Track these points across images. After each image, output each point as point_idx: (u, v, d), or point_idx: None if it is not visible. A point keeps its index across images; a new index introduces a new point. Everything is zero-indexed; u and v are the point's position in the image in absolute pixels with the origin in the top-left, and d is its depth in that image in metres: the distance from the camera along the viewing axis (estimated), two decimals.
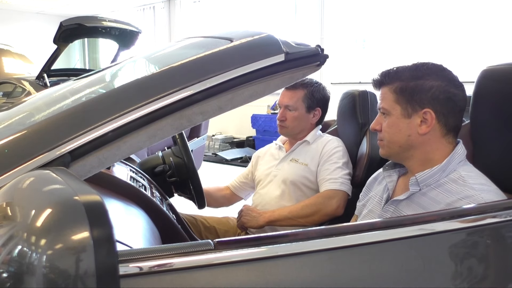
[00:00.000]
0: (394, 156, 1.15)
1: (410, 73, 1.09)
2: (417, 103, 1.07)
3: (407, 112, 1.08)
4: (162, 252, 0.69)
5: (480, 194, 0.97)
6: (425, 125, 1.07)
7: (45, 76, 4.67)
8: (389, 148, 1.13)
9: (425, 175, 1.06)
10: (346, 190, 1.67)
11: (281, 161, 1.85)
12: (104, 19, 4.43)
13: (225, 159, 6.30)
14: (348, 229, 0.81)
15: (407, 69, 1.10)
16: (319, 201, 1.65)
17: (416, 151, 1.09)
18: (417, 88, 1.07)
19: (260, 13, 7.62)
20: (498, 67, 1.12)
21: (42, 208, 0.56)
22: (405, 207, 1.08)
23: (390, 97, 1.10)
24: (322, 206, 1.64)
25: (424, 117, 1.06)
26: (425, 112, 1.06)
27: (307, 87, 1.81)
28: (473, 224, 0.84)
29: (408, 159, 1.11)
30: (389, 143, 1.12)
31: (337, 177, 1.68)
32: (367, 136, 1.72)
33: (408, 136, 1.08)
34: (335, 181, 1.68)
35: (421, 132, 1.07)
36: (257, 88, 0.91)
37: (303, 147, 1.82)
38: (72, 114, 0.85)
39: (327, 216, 1.64)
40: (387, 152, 1.14)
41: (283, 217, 1.64)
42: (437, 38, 5.79)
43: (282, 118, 1.81)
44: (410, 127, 1.08)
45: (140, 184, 1.44)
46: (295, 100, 1.79)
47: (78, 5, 9.58)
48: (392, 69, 1.13)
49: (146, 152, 3.26)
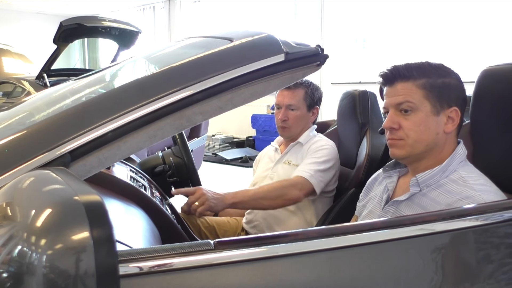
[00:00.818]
0: (414, 156, 1.07)
1: (435, 71, 1.07)
2: (445, 101, 1.05)
3: (436, 110, 1.04)
4: (162, 252, 0.69)
5: (480, 194, 0.97)
6: (451, 123, 1.06)
7: (45, 76, 4.67)
8: (412, 148, 1.05)
9: (425, 175, 1.05)
10: (313, 183, 1.65)
11: (276, 163, 1.85)
12: (104, 19, 4.43)
13: (225, 159, 6.30)
14: (348, 229, 0.81)
15: (429, 66, 1.07)
16: (285, 185, 1.64)
17: (437, 150, 1.06)
18: (445, 85, 1.05)
19: (260, 13, 7.62)
20: (498, 67, 1.12)
21: (42, 208, 0.55)
22: (406, 208, 1.07)
23: (418, 92, 1.04)
24: (287, 190, 1.62)
25: (451, 115, 1.05)
26: (452, 111, 1.05)
27: (307, 86, 1.81)
28: (473, 224, 0.84)
29: (424, 158, 1.07)
30: (415, 142, 1.04)
31: (309, 169, 1.68)
32: (367, 136, 1.72)
33: (436, 135, 1.05)
34: (306, 171, 1.67)
35: (447, 131, 1.05)
36: (257, 88, 0.91)
37: (296, 148, 1.83)
38: (72, 114, 0.85)
39: (289, 201, 1.64)
40: (408, 153, 1.06)
41: (247, 198, 1.60)
42: (437, 38, 5.79)
43: (285, 118, 1.80)
44: (438, 125, 1.05)
45: (140, 184, 1.44)
46: (297, 99, 1.79)
47: (78, 5, 9.58)
48: (411, 64, 1.08)
49: (146, 152, 3.26)
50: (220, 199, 1.56)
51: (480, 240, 0.84)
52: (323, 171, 1.69)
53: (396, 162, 1.18)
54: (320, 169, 1.69)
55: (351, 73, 6.54)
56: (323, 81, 6.55)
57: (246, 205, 1.65)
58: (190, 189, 1.62)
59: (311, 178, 1.66)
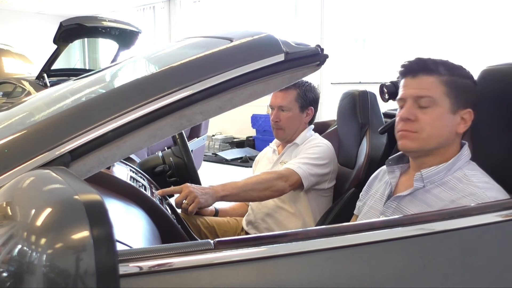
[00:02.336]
0: (424, 151, 1.07)
1: (458, 70, 1.07)
2: (463, 101, 1.05)
3: (453, 108, 1.04)
4: (162, 252, 0.70)
5: (484, 192, 0.97)
6: (464, 124, 1.06)
7: (45, 76, 4.67)
8: (425, 142, 1.04)
9: (431, 171, 1.05)
10: (300, 174, 1.65)
11: (274, 164, 1.86)
12: (104, 19, 4.43)
13: (225, 159, 6.30)
14: (348, 229, 0.81)
15: (452, 65, 1.08)
16: (272, 177, 1.63)
17: (447, 148, 1.07)
18: (465, 86, 1.06)
19: (260, 13, 7.62)
20: (498, 67, 1.12)
21: (42, 208, 0.55)
22: (408, 203, 1.07)
23: (440, 88, 1.04)
24: (274, 182, 1.62)
25: (464, 116, 1.06)
26: (466, 112, 1.06)
27: (299, 87, 1.80)
28: (473, 224, 0.84)
29: (431, 155, 1.07)
30: (429, 136, 1.04)
31: (298, 162, 1.68)
32: (367, 136, 1.72)
33: (449, 133, 1.05)
34: (294, 164, 1.68)
35: (459, 131, 1.06)
36: (257, 88, 0.91)
37: (293, 149, 1.83)
38: (72, 114, 0.85)
39: (276, 193, 1.64)
40: (419, 146, 1.05)
41: (236, 190, 1.59)
42: (437, 38, 5.79)
43: (276, 119, 1.80)
44: (453, 124, 1.05)
45: (140, 184, 1.44)
46: (288, 100, 1.79)
47: (78, 5, 9.58)
48: (435, 59, 1.07)
49: (146, 152, 3.26)
50: (210, 193, 1.54)
51: (480, 240, 0.84)
52: (313, 165, 1.69)
53: (400, 157, 1.18)
54: (309, 163, 1.69)
55: (351, 73, 6.54)
56: (323, 81, 6.55)
57: (235, 198, 1.65)
58: (176, 188, 1.59)
59: (298, 169, 1.66)
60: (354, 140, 1.80)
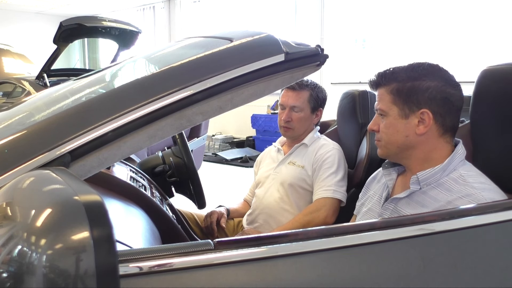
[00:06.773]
0: (392, 156, 1.16)
1: (407, 74, 1.09)
2: (414, 103, 1.07)
3: (404, 113, 1.09)
4: (162, 252, 0.69)
5: (480, 192, 0.97)
6: (422, 125, 1.07)
7: (45, 76, 4.67)
8: (386, 148, 1.14)
9: (426, 174, 1.06)
10: (339, 197, 1.67)
11: (279, 164, 1.84)
12: (104, 19, 4.43)
13: (225, 159, 6.30)
14: (348, 229, 0.81)
15: (403, 70, 1.11)
16: (307, 217, 1.65)
17: (415, 151, 1.10)
18: (414, 88, 1.07)
19: (260, 13, 7.62)
20: (498, 67, 1.12)
21: (42, 208, 0.55)
22: (405, 205, 1.08)
23: (387, 98, 1.11)
24: (311, 218, 1.63)
25: (422, 117, 1.07)
26: (422, 113, 1.07)
27: (312, 88, 1.81)
28: (473, 224, 0.84)
29: (406, 158, 1.12)
30: (387, 143, 1.13)
31: (330, 184, 1.68)
32: (367, 136, 1.72)
33: (406, 137, 1.09)
34: (327, 188, 1.67)
35: (418, 133, 1.08)
36: (257, 88, 0.91)
37: (301, 149, 1.82)
38: (72, 114, 0.85)
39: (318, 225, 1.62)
40: (385, 153, 1.15)
41: None
42: (437, 38, 5.79)
43: (288, 119, 1.80)
44: (407, 127, 1.08)
45: (140, 184, 1.44)
46: (301, 101, 1.79)
47: (78, 5, 9.58)
48: (389, 70, 1.13)
49: (146, 152, 3.26)
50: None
51: (480, 240, 0.84)
52: (341, 178, 1.70)
53: None
54: (338, 179, 1.69)
55: (351, 73, 6.54)
56: (323, 81, 6.55)
57: None
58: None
59: (335, 194, 1.67)
60: (354, 140, 1.80)
